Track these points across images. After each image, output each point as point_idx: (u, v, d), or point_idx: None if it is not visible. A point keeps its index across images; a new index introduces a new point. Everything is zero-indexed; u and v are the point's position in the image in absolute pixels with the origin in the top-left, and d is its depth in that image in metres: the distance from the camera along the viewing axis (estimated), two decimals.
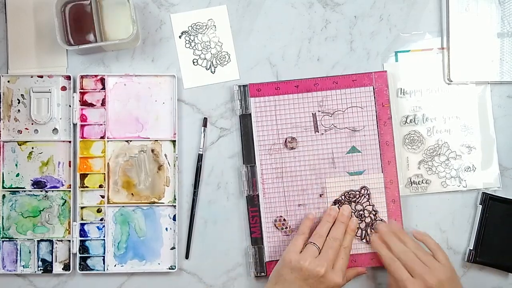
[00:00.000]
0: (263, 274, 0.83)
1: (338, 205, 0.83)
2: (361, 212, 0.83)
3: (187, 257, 0.84)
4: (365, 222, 0.83)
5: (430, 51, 0.86)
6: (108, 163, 0.83)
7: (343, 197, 0.83)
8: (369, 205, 0.83)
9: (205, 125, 0.84)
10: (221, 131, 0.85)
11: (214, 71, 0.85)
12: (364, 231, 0.83)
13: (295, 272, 0.75)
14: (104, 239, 0.83)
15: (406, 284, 0.75)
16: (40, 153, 0.84)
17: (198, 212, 0.85)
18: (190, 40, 0.85)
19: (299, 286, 0.75)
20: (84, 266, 0.83)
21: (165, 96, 0.84)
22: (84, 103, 0.84)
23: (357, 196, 0.83)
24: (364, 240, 0.83)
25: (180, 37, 0.85)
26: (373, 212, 0.83)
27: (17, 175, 0.83)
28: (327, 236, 0.79)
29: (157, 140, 0.84)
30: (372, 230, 0.83)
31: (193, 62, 0.85)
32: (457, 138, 0.86)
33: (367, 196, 0.83)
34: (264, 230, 0.84)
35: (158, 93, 0.84)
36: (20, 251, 0.83)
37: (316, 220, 0.83)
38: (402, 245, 0.79)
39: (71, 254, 0.83)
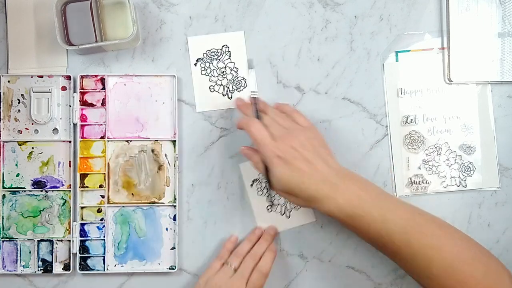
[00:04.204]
0: None
1: (199, 63, 0.83)
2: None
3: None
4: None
5: (430, 51, 0.86)
6: (108, 163, 0.83)
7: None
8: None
9: (251, 67, 0.84)
10: (221, 131, 0.85)
11: (231, 97, 0.85)
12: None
13: None
14: (104, 239, 0.83)
15: (270, 148, 0.71)
16: (40, 153, 0.84)
17: (198, 212, 0.85)
18: (206, 67, 0.85)
19: None
20: (84, 266, 0.83)
21: (165, 96, 0.84)
22: (84, 103, 0.84)
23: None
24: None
25: (195, 64, 0.85)
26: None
27: (17, 175, 0.83)
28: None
29: (157, 140, 0.84)
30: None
31: (210, 89, 0.85)
32: (457, 138, 0.86)
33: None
34: None
35: (158, 93, 0.84)
36: (20, 251, 0.83)
37: (236, 241, 0.83)
38: (263, 115, 0.76)
39: (71, 254, 0.83)
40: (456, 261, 0.65)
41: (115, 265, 0.83)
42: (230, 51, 0.85)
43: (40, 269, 0.83)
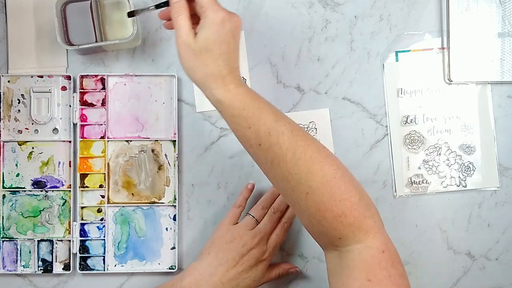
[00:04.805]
0: None
1: None
2: None
3: None
4: None
5: (430, 51, 0.86)
6: (108, 163, 0.83)
7: None
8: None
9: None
10: (221, 131, 0.85)
11: None
12: None
13: (228, 243, 0.76)
14: (104, 239, 0.83)
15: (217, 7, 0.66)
16: (40, 153, 0.84)
17: (198, 212, 0.85)
18: None
19: (232, 257, 0.75)
20: (84, 266, 0.83)
21: (165, 96, 0.84)
22: (84, 103, 0.84)
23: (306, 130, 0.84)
24: None
25: None
26: None
27: (17, 175, 0.84)
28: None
29: (157, 140, 0.84)
30: None
31: None
32: (457, 138, 0.86)
33: (314, 130, 0.85)
34: None
35: (158, 93, 0.84)
36: (20, 251, 0.83)
37: (253, 189, 0.83)
38: None
39: (71, 254, 0.83)
40: (336, 179, 0.64)
41: (115, 265, 0.83)
42: None
43: (40, 269, 0.83)
